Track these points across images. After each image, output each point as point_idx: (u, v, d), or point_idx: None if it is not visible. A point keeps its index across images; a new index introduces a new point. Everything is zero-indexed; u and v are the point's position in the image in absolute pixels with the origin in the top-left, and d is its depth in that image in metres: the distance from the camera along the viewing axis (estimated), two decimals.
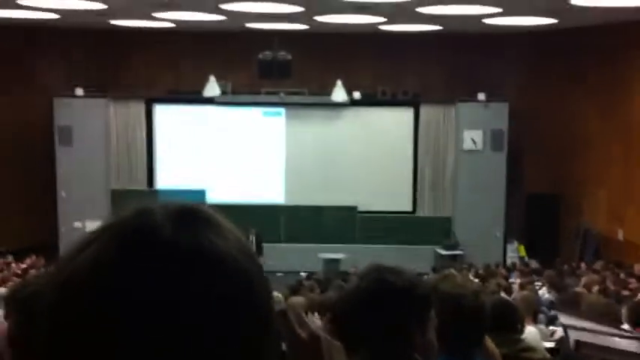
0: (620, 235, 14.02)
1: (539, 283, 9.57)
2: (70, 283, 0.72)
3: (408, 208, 17.25)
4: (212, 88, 16.03)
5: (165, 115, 17.37)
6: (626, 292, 7.81)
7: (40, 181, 16.23)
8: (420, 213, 17.09)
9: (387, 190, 17.01)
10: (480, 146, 16.26)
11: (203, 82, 16.00)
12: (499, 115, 16.19)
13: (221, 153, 17.20)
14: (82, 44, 16.76)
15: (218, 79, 15.99)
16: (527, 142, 16.29)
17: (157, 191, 16.72)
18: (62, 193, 16.14)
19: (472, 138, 16.29)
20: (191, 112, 17.30)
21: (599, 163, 14.98)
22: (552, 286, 8.63)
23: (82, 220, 14.96)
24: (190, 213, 0.77)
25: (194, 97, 16.43)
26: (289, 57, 15.62)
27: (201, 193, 16.13)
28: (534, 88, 16.43)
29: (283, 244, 15.90)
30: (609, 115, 14.73)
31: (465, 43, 16.52)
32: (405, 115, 17.28)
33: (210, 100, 16.39)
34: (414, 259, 14.93)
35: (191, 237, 0.73)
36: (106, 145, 16.48)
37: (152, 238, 0.73)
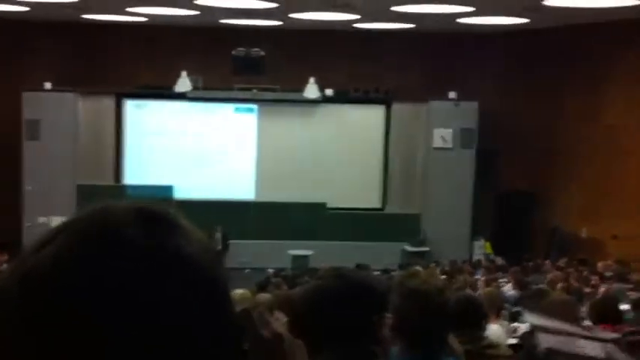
0: (585, 234, 14.23)
1: (504, 280, 9.70)
2: (31, 277, 0.70)
3: (378, 204, 17.33)
4: (184, 84, 15.95)
5: (136, 110, 17.19)
6: (588, 290, 7.96)
7: (5, 175, 16.00)
8: (389, 210, 17.17)
9: (357, 187, 17.07)
10: (450, 144, 16.39)
11: (175, 77, 15.93)
12: (470, 113, 16.32)
13: (192, 149, 17.07)
14: (52, 38, 16.56)
15: (190, 75, 15.93)
16: (498, 141, 16.44)
17: (124, 187, 16.51)
18: (28, 188, 15.93)
19: (442, 136, 16.43)
20: (162, 108, 17.16)
21: (569, 163, 15.14)
22: (517, 283, 8.76)
23: (47, 216, 14.76)
24: (152, 213, 0.75)
25: (165, 92, 16.30)
26: (263, 53, 15.61)
27: (168, 189, 16.02)
28: (507, 87, 16.57)
29: (252, 241, 15.85)
30: (581, 116, 14.87)
31: (439, 42, 16.63)
32: (377, 112, 17.35)
33: (181, 96, 16.30)
34: (382, 256, 15.02)
35: (157, 241, 0.72)
36: (74, 140, 16.24)
37: (115, 236, 0.71)
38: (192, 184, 16.57)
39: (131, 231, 0.71)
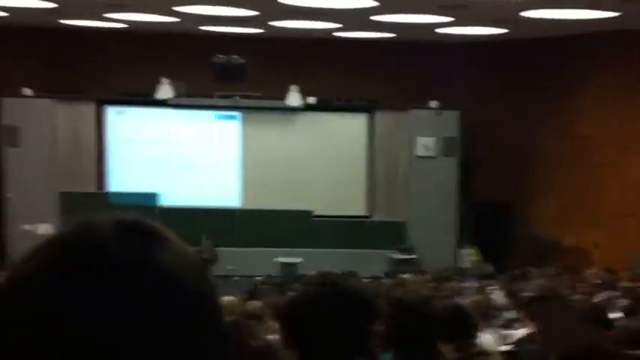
0: (569, 242, 14.37)
1: (493, 288, 9.69)
2: (14, 288, 0.71)
3: (363, 212, 17.35)
4: (165, 91, 15.89)
5: (117, 117, 17.01)
6: (577, 297, 7.97)
7: None
8: (374, 217, 17.21)
9: (343, 195, 17.07)
10: (433, 153, 16.45)
11: (156, 84, 15.84)
12: (452, 122, 16.42)
13: (175, 156, 16.93)
14: (32, 44, 16.34)
15: (172, 82, 15.86)
16: (479, 151, 16.57)
17: (107, 194, 16.32)
18: (9, 195, 15.66)
19: (425, 144, 16.49)
20: (144, 115, 17.03)
21: (547, 173, 15.34)
22: (506, 291, 8.76)
23: (33, 223, 14.59)
24: (134, 226, 0.75)
25: (147, 99, 16.18)
26: (243, 61, 15.58)
27: (153, 197, 15.88)
28: (487, 97, 16.72)
29: (239, 249, 15.81)
30: (560, 126, 15.07)
31: (421, 51, 16.71)
32: (360, 120, 17.41)
33: (163, 103, 16.20)
34: (369, 263, 15.04)
35: (137, 253, 0.72)
36: (55, 147, 16.03)
37: (96, 250, 0.71)
38: (176, 192, 16.44)
39: (113, 244, 0.72)
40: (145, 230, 0.75)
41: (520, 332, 5.80)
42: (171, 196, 16.17)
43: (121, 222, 0.75)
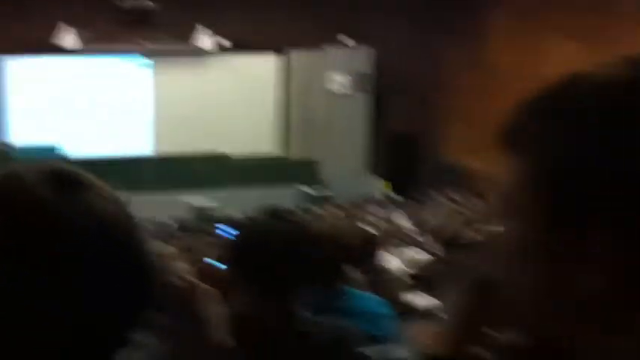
0: (478, 168, 14.96)
1: (400, 215, 10.09)
2: None
3: (279, 151, 17.41)
4: (68, 38, 15.38)
5: (17, 69, 16.28)
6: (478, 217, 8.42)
7: None
8: (290, 156, 17.29)
9: (258, 136, 17.06)
10: (347, 89, 16.57)
11: (58, 32, 15.27)
12: (366, 59, 16.51)
13: (80, 106, 16.40)
14: None
15: (75, 29, 15.33)
16: (392, 86, 16.81)
17: (9, 149, 15.42)
18: None
19: (339, 81, 16.62)
20: (45, 65, 16.35)
21: (456, 101, 15.79)
22: (411, 217, 9.15)
23: None
24: (62, 175, 0.75)
25: (48, 48, 15.59)
26: (151, 4, 15.17)
27: (55, 149, 15.27)
28: (402, 34, 16.78)
29: (152, 195, 15.59)
30: (470, 59, 15.44)
31: None
32: (275, 60, 17.28)
33: (66, 51, 15.68)
34: (284, 201, 15.15)
35: (70, 200, 0.72)
36: None
37: (30, 198, 0.71)
38: (83, 143, 15.95)
39: (44, 192, 0.71)
40: (71, 177, 0.75)
41: (425, 257, 6.20)
42: (80, 147, 15.62)
43: (51, 171, 0.74)
